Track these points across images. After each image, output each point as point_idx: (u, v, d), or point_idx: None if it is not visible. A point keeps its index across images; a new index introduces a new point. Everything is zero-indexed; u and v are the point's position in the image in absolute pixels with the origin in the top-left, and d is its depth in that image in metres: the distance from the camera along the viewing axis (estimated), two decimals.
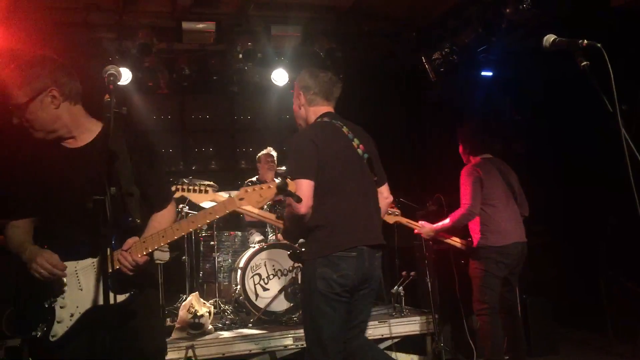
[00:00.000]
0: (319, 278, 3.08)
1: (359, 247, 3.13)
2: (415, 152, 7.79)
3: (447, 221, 4.89)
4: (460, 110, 8.14)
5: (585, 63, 2.11)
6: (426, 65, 6.93)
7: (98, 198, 1.96)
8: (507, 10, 5.81)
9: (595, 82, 2.04)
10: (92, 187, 2.21)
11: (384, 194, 3.52)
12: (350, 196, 3.22)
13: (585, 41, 2.11)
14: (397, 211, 4.72)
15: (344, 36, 6.97)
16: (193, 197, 3.77)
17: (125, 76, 6.45)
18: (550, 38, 2.28)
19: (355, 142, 3.40)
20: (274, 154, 6.85)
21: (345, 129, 3.41)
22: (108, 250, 2.03)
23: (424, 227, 4.96)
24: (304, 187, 3.07)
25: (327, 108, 3.50)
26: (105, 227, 1.94)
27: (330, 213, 3.15)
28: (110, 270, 2.18)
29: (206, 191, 3.84)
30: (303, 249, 5.46)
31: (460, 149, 5.23)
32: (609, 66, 2.01)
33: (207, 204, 3.80)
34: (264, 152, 6.85)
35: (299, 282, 5.40)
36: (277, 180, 2.85)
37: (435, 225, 4.95)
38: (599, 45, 2.07)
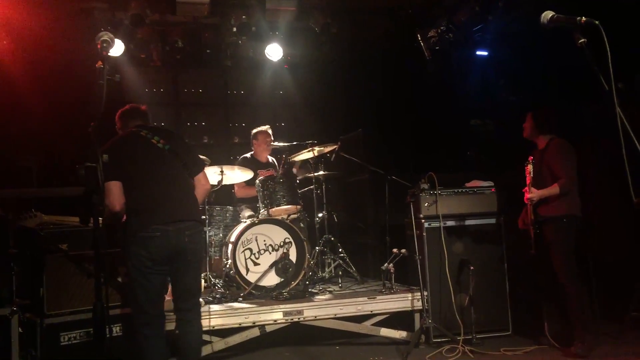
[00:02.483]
0: (132, 255, 3.72)
1: (163, 228, 3.73)
2: (408, 130, 7.77)
3: (554, 190, 4.85)
4: (455, 89, 8.12)
5: (582, 40, 2.09)
6: (422, 43, 6.87)
7: (90, 165, 1.95)
8: None
9: (592, 60, 2.02)
10: None
11: (202, 182, 4.15)
12: (152, 184, 3.86)
13: (584, 18, 2.09)
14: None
15: (339, 12, 6.90)
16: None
17: (118, 47, 6.37)
18: (548, 14, 2.26)
19: (155, 139, 4.00)
20: (271, 131, 6.81)
21: (143, 132, 4.03)
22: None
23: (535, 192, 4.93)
24: (113, 188, 3.75)
25: (137, 123, 4.17)
26: (96, 195, 1.93)
27: (136, 201, 3.79)
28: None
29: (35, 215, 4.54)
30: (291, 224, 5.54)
31: (530, 125, 5.23)
32: (607, 44, 1.99)
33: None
34: (263, 129, 6.79)
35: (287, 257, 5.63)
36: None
37: (540, 191, 4.92)
38: (597, 22, 2.05)
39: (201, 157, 5.98)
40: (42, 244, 4.60)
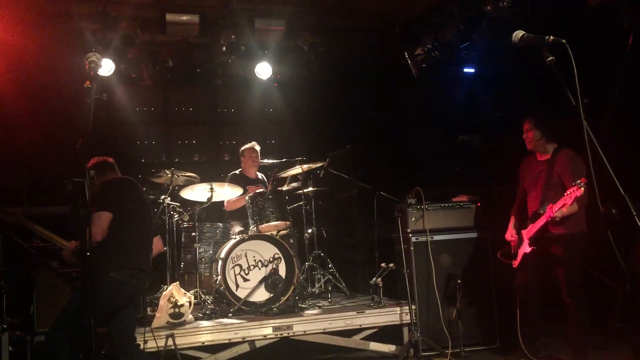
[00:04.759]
0: (105, 293, 3.74)
1: (140, 275, 3.98)
2: (396, 147, 7.86)
3: (574, 208, 4.54)
4: (442, 105, 8.24)
5: (550, 58, 2.19)
6: (409, 61, 6.99)
7: (77, 180, 2.01)
8: (488, 8, 5.89)
9: (560, 77, 2.11)
10: None
11: (159, 244, 4.50)
12: (137, 229, 4.07)
13: (551, 37, 2.18)
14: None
15: (327, 31, 7.02)
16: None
17: (108, 67, 6.45)
18: (519, 34, 2.36)
19: (145, 195, 4.35)
20: (258, 148, 6.88)
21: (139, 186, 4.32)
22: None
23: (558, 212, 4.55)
24: (103, 218, 3.80)
25: (114, 175, 4.30)
26: (83, 208, 2.00)
27: (119, 238, 3.89)
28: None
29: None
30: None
31: (536, 135, 4.89)
32: (573, 62, 2.09)
33: None
34: (248, 146, 6.88)
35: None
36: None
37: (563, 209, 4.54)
38: (563, 41, 2.15)
39: (190, 174, 6.10)
40: (32, 262, 4.64)
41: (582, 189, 4.33)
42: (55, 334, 3.76)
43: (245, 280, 5.63)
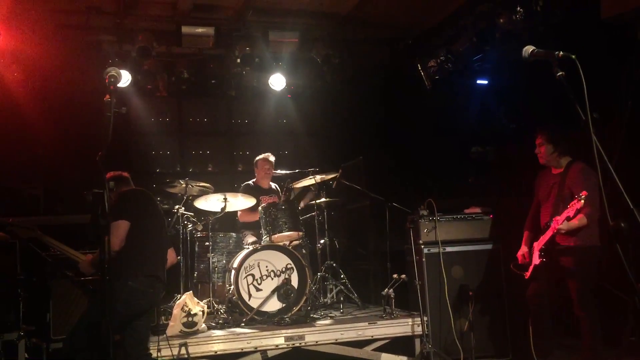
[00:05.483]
0: (122, 301, 3.82)
1: (157, 284, 4.08)
2: (408, 158, 7.88)
3: (583, 221, 4.58)
4: (455, 117, 8.25)
5: (560, 73, 2.21)
6: (422, 73, 7.02)
7: (97, 191, 2.07)
8: (501, 21, 5.91)
9: (570, 92, 2.14)
10: None
11: (172, 256, 4.53)
12: (152, 238, 4.17)
13: (561, 52, 2.21)
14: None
15: (340, 43, 7.09)
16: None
17: (125, 78, 6.55)
18: (529, 49, 2.39)
19: (159, 206, 4.47)
20: (272, 159, 6.92)
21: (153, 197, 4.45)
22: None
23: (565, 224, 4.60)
24: (122, 228, 3.89)
25: (130, 188, 4.40)
26: (103, 218, 2.05)
27: (134, 247, 3.95)
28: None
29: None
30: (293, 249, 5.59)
31: (548, 149, 4.91)
32: (583, 77, 2.11)
33: None
34: (262, 157, 6.93)
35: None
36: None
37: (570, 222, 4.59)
38: (573, 57, 2.17)
39: (204, 184, 6.17)
40: (49, 270, 4.71)
41: (582, 201, 4.38)
42: (72, 341, 3.82)
43: (258, 290, 5.66)
